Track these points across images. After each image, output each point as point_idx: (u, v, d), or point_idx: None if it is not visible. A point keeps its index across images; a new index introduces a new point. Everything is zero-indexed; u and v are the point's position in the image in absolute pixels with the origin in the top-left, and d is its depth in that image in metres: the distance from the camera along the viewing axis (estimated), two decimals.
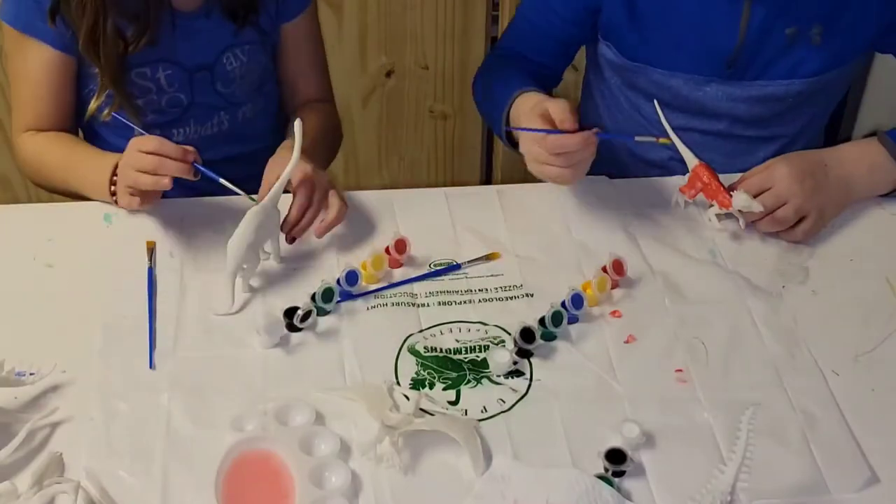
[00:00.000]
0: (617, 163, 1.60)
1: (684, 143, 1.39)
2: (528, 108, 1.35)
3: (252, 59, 1.50)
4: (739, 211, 1.32)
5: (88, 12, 1.34)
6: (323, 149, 1.52)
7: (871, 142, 1.39)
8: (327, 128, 1.59)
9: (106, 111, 1.43)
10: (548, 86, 1.58)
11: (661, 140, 1.34)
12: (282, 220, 1.28)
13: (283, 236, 1.29)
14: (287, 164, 1.25)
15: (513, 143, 1.41)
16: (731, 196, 1.33)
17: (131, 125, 1.38)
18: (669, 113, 1.42)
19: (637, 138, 1.38)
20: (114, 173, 1.30)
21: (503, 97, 1.42)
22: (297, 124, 1.25)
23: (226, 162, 1.38)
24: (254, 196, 1.26)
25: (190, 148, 1.24)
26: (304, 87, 1.60)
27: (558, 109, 1.27)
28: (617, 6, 1.47)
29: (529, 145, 1.32)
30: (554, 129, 1.28)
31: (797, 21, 1.40)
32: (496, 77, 1.53)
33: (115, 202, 1.33)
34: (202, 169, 1.24)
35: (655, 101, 1.39)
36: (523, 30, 1.60)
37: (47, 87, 1.43)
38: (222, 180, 1.23)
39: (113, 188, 1.31)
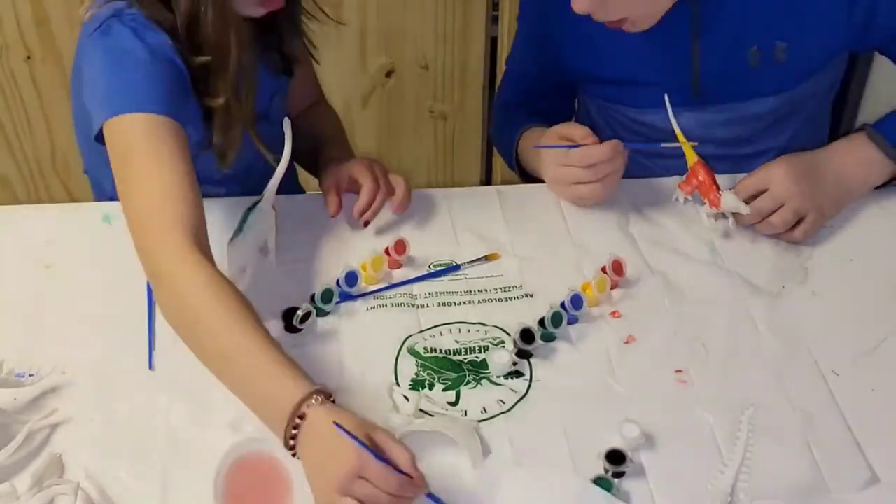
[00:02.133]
0: None
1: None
2: (535, 137, 1.44)
3: (286, 96, 1.47)
4: (732, 212, 1.33)
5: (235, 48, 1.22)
6: (347, 142, 1.55)
7: (859, 137, 1.38)
8: (340, 124, 1.62)
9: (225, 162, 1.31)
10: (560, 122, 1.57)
11: (686, 143, 1.36)
12: (275, 219, 1.27)
13: (277, 236, 1.29)
14: (337, 168, 1.36)
15: (524, 175, 1.51)
16: (721, 196, 1.33)
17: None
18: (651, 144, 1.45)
19: (663, 145, 1.39)
20: (294, 420, 0.98)
21: (511, 136, 1.52)
22: (287, 123, 1.25)
23: (253, 191, 1.36)
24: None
25: (418, 480, 0.96)
26: (302, 92, 1.57)
27: (577, 128, 1.34)
28: (574, 53, 1.50)
29: (553, 168, 1.37)
30: (577, 145, 1.33)
31: (757, 41, 1.41)
32: (505, 122, 1.60)
33: (290, 448, 0.99)
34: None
35: (666, 96, 1.39)
36: (514, 79, 1.65)
37: (187, 171, 1.15)
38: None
39: (292, 442, 0.98)
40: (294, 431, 0.98)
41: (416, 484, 0.95)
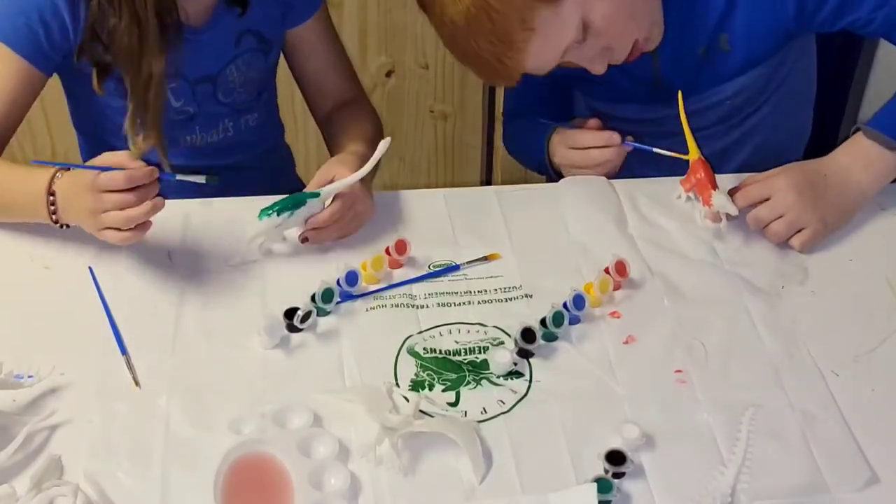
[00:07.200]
0: None
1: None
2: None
3: (251, 67, 1.50)
4: (726, 213, 1.33)
5: (128, 22, 1.31)
6: (371, 178, 1.47)
7: (857, 139, 1.37)
8: (379, 132, 1.57)
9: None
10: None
11: (683, 156, 1.38)
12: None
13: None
14: (349, 168, 1.33)
15: (559, 175, 1.53)
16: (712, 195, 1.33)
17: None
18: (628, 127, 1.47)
19: (656, 150, 1.41)
20: (50, 187, 1.21)
21: (540, 139, 1.55)
22: (385, 143, 1.32)
23: (230, 169, 1.39)
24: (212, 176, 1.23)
25: (143, 166, 1.16)
26: (331, 88, 1.59)
27: (592, 121, 1.48)
28: None
29: (559, 151, 1.49)
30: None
31: (703, 40, 1.43)
32: (527, 128, 1.62)
33: (60, 225, 1.24)
34: (166, 176, 1.19)
35: (679, 93, 1.41)
36: (517, 88, 1.64)
37: (8, 100, 1.35)
38: (189, 177, 1.20)
39: (53, 208, 1.21)
40: (53, 208, 1.21)
41: (140, 168, 1.14)
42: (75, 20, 1.34)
